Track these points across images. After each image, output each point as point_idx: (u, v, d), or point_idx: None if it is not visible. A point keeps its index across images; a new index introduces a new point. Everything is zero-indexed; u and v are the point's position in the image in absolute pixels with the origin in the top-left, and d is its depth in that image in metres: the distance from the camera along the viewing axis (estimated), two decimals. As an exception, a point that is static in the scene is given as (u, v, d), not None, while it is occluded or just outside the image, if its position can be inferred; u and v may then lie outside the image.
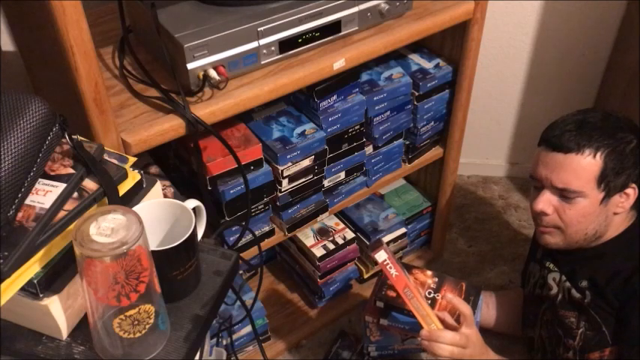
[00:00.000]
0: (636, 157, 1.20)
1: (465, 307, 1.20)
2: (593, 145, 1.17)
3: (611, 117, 1.24)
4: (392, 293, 1.32)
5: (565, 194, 1.20)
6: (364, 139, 1.46)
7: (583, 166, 1.18)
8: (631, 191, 1.22)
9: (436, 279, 1.36)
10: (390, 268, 1.18)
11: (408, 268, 1.40)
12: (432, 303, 1.31)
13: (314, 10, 1.15)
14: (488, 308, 1.60)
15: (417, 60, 1.53)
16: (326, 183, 1.46)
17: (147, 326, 0.75)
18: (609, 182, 1.18)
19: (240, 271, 1.64)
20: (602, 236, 1.26)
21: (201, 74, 1.06)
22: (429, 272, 1.38)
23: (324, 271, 1.64)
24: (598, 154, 1.17)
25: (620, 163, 1.18)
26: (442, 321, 1.21)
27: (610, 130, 1.19)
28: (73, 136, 0.81)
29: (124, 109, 1.07)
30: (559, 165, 1.20)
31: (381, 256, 1.18)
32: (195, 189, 1.22)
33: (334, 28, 1.20)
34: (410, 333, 1.32)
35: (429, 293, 1.33)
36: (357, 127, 1.41)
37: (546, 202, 1.23)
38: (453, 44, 1.50)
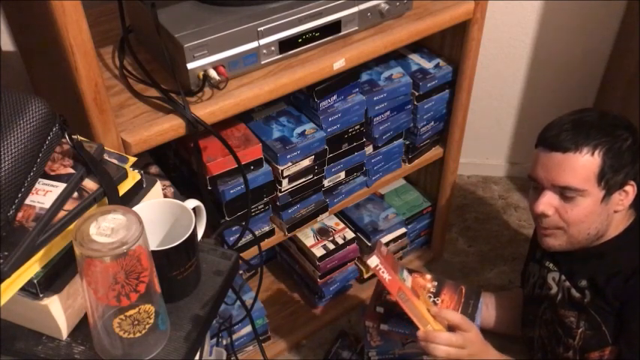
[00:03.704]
0: (633, 154, 1.20)
1: (452, 316, 1.20)
2: (590, 143, 1.18)
3: (607, 115, 1.24)
4: (392, 298, 1.32)
5: (566, 193, 1.20)
6: (364, 139, 1.46)
7: (582, 164, 1.18)
8: (630, 188, 1.22)
9: (435, 283, 1.36)
10: (383, 272, 1.18)
11: (408, 271, 1.39)
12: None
13: (314, 10, 1.15)
14: (488, 309, 1.60)
15: (417, 60, 1.53)
16: (326, 183, 1.46)
17: (147, 326, 0.75)
18: (609, 180, 1.18)
19: (240, 271, 1.64)
20: (603, 235, 1.26)
21: (201, 74, 1.06)
22: (429, 276, 1.37)
23: (324, 271, 1.64)
24: (596, 152, 1.17)
25: (618, 160, 1.18)
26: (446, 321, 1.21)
27: (607, 128, 1.20)
28: (73, 136, 0.81)
29: (124, 109, 1.07)
30: (558, 165, 1.20)
31: (373, 261, 1.18)
32: (195, 189, 1.22)
33: (334, 28, 1.20)
34: (410, 338, 1.32)
35: (429, 297, 1.33)
36: (357, 127, 1.41)
37: (547, 203, 1.23)
38: (453, 44, 1.50)
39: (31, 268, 0.72)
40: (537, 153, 1.25)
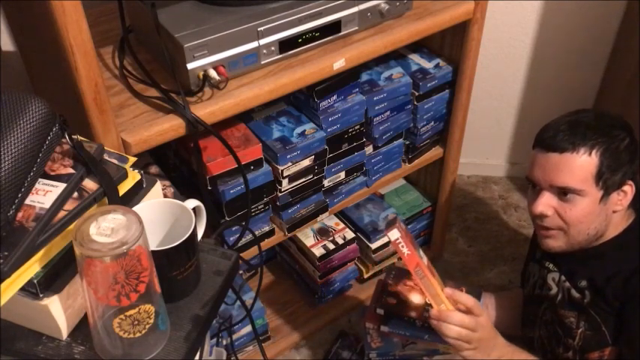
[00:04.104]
0: (631, 154, 1.20)
1: (466, 299, 1.19)
2: (587, 143, 1.18)
3: (604, 116, 1.24)
4: (392, 300, 1.31)
5: (564, 194, 1.20)
6: (364, 139, 1.46)
7: (579, 165, 1.18)
8: (628, 188, 1.22)
9: None
10: (403, 247, 1.16)
11: (408, 272, 1.39)
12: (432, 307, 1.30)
13: (314, 10, 1.15)
14: (488, 309, 1.59)
15: (417, 60, 1.53)
16: (326, 183, 1.46)
17: (147, 326, 0.75)
18: (607, 180, 1.18)
19: (240, 271, 1.64)
20: (602, 236, 1.26)
21: (201, 74, 1.06)
22: None
23: (324, 271, 1.64)
24: (593, 152, 1.17)
25: (615, 160, 1.18)
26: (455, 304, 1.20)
27: (603, 128, 1.20)
28: (73, 136, 0.81)
29: (124, 109, 1.07)
30: (555, 165, 1.20)
31: (393, 234, 1.16)
32: (195, 189, 1.22)
33: (334, 28, 1.20)
34: (411, 339, 1.32)
35: (427, 300, 1.33)
36: (357, 127, 1.41)
37: (545, 204, 1.23)
38: (453, 44, 1.50)
39: (31, 268, 0.72)
40: (534, 154, 1.25)
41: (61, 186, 0.77)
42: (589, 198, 1.19)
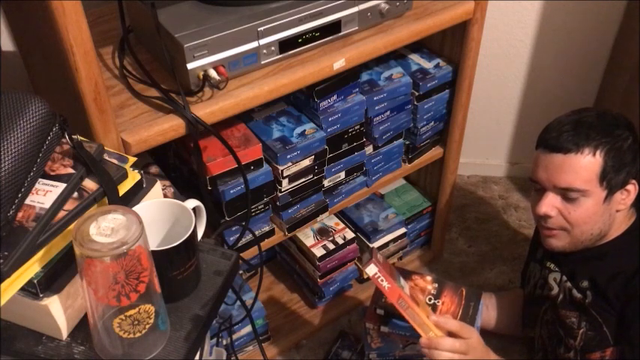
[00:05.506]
0: (634, 153, 1.20)
1: (452, 324, 1.20)
2: (591, 143, 1.18)
3: (606, 115, 1.24)
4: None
5: (568, 194, 1.20)
6: (364, 139, 1.46)
7: (583, 165, 1.18)
8: (631, 187, 1.22)
9: (436, 285, 1.36)
10: (382, 281, 1.17)
11: (408, 273, 1.39)
12: (433, 309, 1.31)
13: (314, 10, 1.15)
14: (488, 309, 1.60)
15: (417, 60, 1.53)
16: (326, 183, 1.46)
17: (147, 326, 0.75)
18: (611, 179, 1.18)
19: (240, 271, 1.64)
20: (605, 236, 1.26)
21: (201, 74, 1.06)
22: (429, 278, 1.37)
23: (324, 271, 1.64)
24: (597, 152, 1.17)
25: (619, 159, 1.18)
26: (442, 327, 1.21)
27: (606, 127, 1.20)
28: (73, 136, 0.81)
29: (124, 109, 1.07)
30: (559, 166, 1.20)
31: (371, 269, 1.17)
32: (195, 189, 1.22)
33: (334, 28, 1.20)
34: (411, 339, 1.32)
35: (429, 299, 1.33)
36: (357, 127, 1.41)
37: (549, 204, 1.23)
38: (453, 44, 1.50)
39: (31, 268, 0.72)
40: (538, 155, 1.25)
41: (61, 186, 0.77)
42: (593, 198, 1.19)
